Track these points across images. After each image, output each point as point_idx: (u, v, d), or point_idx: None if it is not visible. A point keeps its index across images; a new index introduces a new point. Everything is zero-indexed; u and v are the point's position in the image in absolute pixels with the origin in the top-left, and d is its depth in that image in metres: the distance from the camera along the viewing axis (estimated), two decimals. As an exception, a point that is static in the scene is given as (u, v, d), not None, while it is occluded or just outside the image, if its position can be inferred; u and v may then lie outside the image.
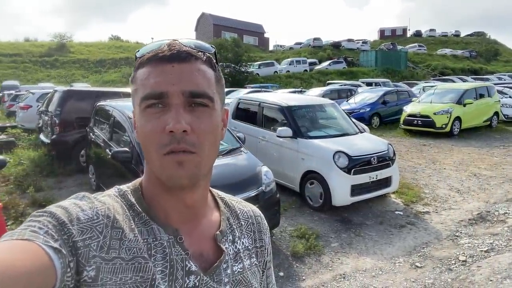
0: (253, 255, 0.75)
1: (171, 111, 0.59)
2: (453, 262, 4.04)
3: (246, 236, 0.76)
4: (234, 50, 30.61)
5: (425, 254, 4.24)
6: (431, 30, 66.74)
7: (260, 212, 0.83)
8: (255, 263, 0.75)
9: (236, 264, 0.70)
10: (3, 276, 0.42)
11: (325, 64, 37.99)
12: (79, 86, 18.48)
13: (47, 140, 7.58)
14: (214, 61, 0.66)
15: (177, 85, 0.59)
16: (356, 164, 5.21)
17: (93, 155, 6.10)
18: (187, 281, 0.62)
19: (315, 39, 50.02)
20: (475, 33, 66.96)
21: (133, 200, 0.66)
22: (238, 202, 0.80)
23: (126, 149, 4.37)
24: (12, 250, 0.47)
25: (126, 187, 0.69)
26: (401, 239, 4.62)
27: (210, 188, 0.75)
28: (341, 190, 5.12)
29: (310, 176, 5.44)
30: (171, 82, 0.59)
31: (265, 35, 61.52)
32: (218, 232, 0.70)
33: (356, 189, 5.19)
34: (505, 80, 25.87)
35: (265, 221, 0.82)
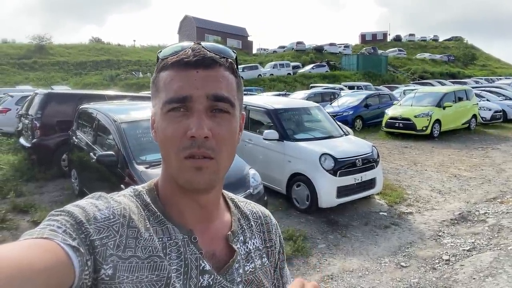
0: (264, 255, 0.76)
1: (193, 116, 0.60)
2: (437, 261, 4.13)
3: (256, 236, 0.77)
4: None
5: (409, 253, 4.32)
6: (410, 34, 68.22)
7: (269, 213, 0.84)
8: (266, 263, 0.76)
9: (248, 264, 0.71)
10: (23, 274, 0.43)
11: (308, 67, 38.38)
12: (60, 88, 18.09)
13: (27, 144, 7.39)
14: (235, 66, 0.67)
15: (201, 89, 0.60)
16: (342, 166, 5.27)
17: (76, 159, 5.98)
18: (201, 280, 0.63)
19: (298, 43, 50.44)
20: (453, 37, 68.87)
21: (148, 200, 0.67)
22: (248, 203, 0.82)
23: (112, 152, 4.30)
24: (32, 248, 0.48)
25: (141, 187, 0.70)
26: (386, 239, 4.70)
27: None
28: (327, 191, 5.17)
29: (296, 178, 5.49)
30: (195, 86, 0.60)
31: (249, 39, 61.65)
32: (229, 232, 0.71)
33: (341, 191, 5.25)
34: (482, 83, 26.65)
35: (274, 220, 0.84)
